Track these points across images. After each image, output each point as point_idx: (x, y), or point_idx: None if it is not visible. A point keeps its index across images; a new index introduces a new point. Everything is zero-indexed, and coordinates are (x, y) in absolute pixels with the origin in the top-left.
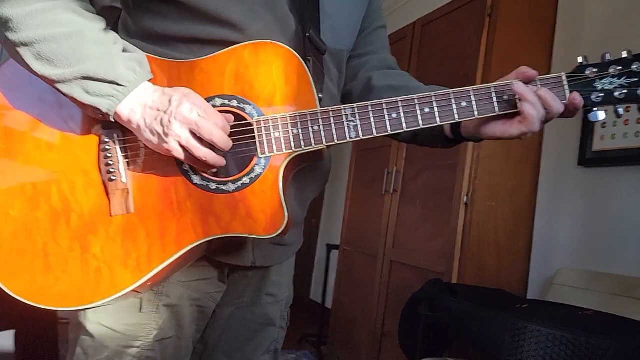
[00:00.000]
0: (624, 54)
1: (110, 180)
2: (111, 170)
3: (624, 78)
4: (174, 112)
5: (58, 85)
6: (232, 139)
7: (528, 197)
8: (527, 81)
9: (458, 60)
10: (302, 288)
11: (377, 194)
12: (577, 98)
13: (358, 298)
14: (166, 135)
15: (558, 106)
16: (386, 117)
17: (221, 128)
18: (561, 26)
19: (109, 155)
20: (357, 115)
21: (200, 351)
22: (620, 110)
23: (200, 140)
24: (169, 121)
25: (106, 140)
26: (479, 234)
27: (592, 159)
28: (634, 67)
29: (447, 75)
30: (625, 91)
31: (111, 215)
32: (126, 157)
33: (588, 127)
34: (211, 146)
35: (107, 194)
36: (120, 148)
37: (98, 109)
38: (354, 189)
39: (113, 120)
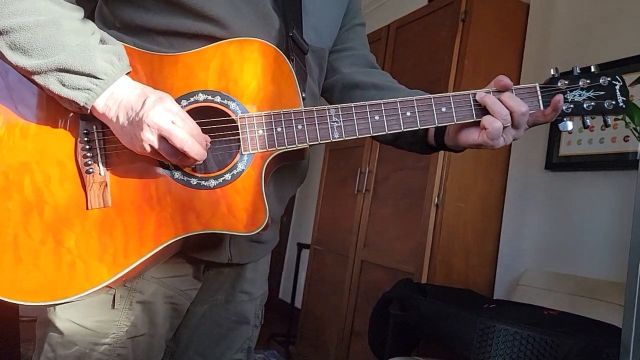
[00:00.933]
0: (593, 68)
1: (88, 172)
2: (89, 162)
3: (592, 91)
4: (144, 115)
5: (33, 77)
6: (214, 135)
7: (496, 200)
8: (504, 90)
9: (431, 63)
10: (271, 287)
11: (349, 194)
12: (561, 100)
13: (328, 297)
14: (138, 138)
15: (519, 105)
16: (369, 119)
17: (195, 136)
18: (531, 33)
19: (87, 147)
20: (340, 116)
21: (173, 349)
22: (588, 121)
23: (173, 146)
24: (140, 125)
25: (84, 131)
26: (448, 234)
27: (558, 164)
28: (601, 80)
29: (420, 78)
30: (593, 103)
31: (87, 209)
32: (105, 149)
33: (555, 133)
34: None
35: (84, 186)
36: (99, 140)
37: (75, 102)
38: (326, 188)
39: (89, 113)
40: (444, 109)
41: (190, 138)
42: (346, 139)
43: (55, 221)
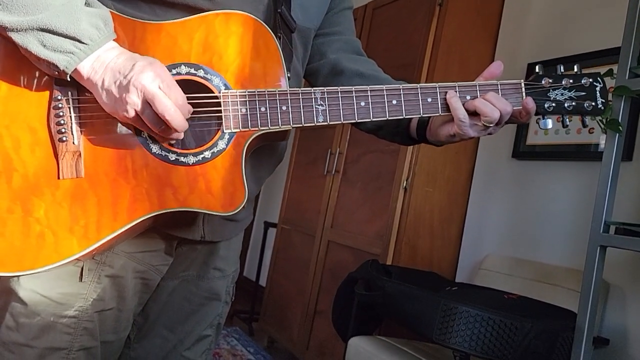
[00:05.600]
0: (575, 68)
1: (61, 140)
2: (62, 130)
3: (573, 91)
4: (134, 77)
5: (11, 34)
6: (194, 110)
7: (463, 185)
8: (491, 77)
9: (405, 47)
10: None
11: (318, 174)
12: (530, 103)
13: (293, 276)
14: (123, 101)
15: (505, 106)
16: (355, 104)
17: (180, 106)
18: (506, 22)
19: (61, 114)
20: (326, 100)
21: (141, 324)
22: (567, 121)
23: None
24: (127, 88)
25: (59, 97)
26: (415, 218)
27: (525, 152)
28: (583, 81)
29: (394, 62)
30: (574, 103)
31: (59, 178)
32: (80, 117)
33: None
34: None
35: (56, 155)
36: (74, 108)
37: (55, 65)
38: (295, 167)
39: (69, 78)
40: (429, 100)
41: (173, 106)
42: (330, 123)
43: (25, 189)
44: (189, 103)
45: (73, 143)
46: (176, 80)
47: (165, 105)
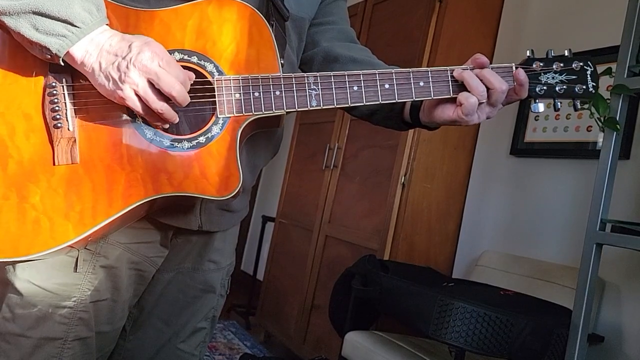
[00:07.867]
0: (566, 52)
1: (56, 127)
2: (57, 116)
3: (564, 74)
4: (133, 58)
5: (3, 18)
6: (189, 96)
7: (461, 182)
8: (481, 67)
9: (405, 43)
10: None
11: (317, 169)
12: (521, 74)
13: (290, 271)
14: (122, 81)
15: (500, 83)
16: (347, 89)
17: (181, 82)
18: (506, 19)
19: (55, 100)
20: (319, 85)
21: (136, 316)
22: (559, 104)
23: (158, 91)
24: (127, 67)
25: (53, 84)
26: (413, 213)
27: (523, 149)
28: (574, 65)
29: (394, 57)
30: (565, 87)
31: (54, 164)
32: (74, 104)
33: (522, 119)
34: (168, 99)
35: (51, 141)
36: (69, 94)
37: (47, 49)
38: (294, 161)
39: (62, 63)
40: (422, 83)
41: (177, 83)
42: (324, 107)
43: (20, 176)
44: None
45: (68, 129)
46: None
47: (170, 83)
